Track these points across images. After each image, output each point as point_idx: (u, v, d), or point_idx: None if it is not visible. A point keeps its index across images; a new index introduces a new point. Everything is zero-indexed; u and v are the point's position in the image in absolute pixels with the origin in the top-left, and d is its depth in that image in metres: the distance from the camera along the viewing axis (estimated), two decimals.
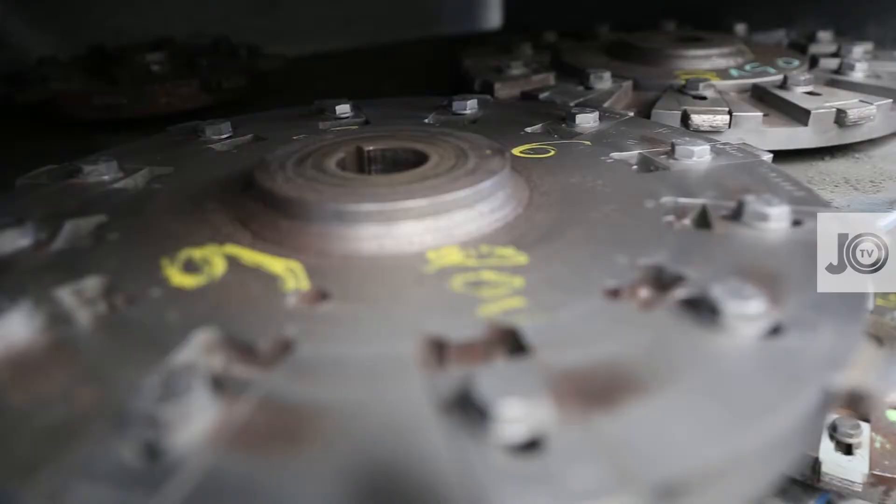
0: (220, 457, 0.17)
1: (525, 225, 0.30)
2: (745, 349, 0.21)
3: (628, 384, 0.19)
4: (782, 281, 0.25)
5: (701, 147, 0.38)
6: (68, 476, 0.17)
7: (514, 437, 0.17)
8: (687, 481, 0.16)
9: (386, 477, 0.17)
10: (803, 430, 0.19)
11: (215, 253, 0.29)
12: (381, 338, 0.22)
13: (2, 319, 0.23)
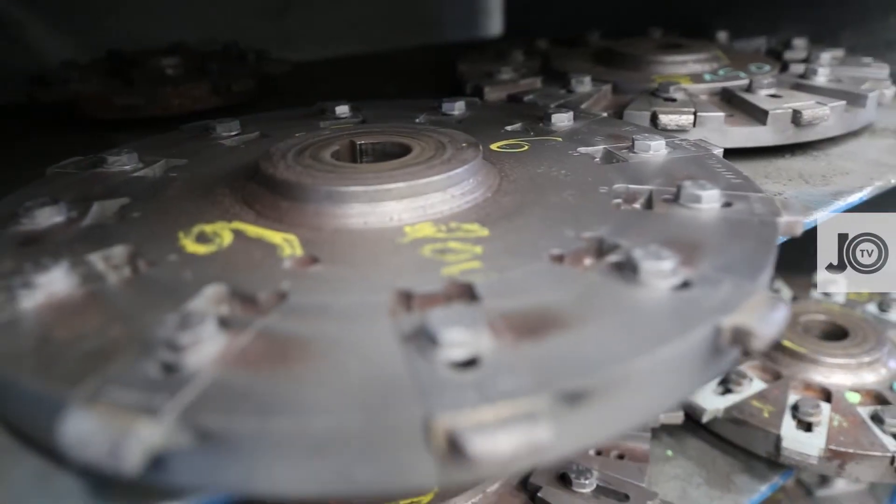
0: (223, 372, 0.22)
1: (491, 206, 0.35)
2: (656, 299, 0.26)
3: (555, 322, 0.24)
4: (700, 248, 0.29)
5: (657, 142, 0.43)
6: (104, 383, 0.22)
7: (456, 357, 0.22)
8: (588, 390, 0.21)
9: (357, 384, 0.21)
10: (695, 362, 0.24)
11: (224, 228, 0.34)
12: (360, 291, 0.27)
13: (46, 274, 0.28)
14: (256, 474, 0.21)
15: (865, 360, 0.65)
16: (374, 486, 0.21)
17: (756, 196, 0.36)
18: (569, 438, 0.21)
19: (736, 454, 0.63)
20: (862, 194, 0.49)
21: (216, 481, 0.21)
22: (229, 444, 0.20)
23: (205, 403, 0.21)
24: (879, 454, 0.56)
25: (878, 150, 0.58)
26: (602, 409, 0.22)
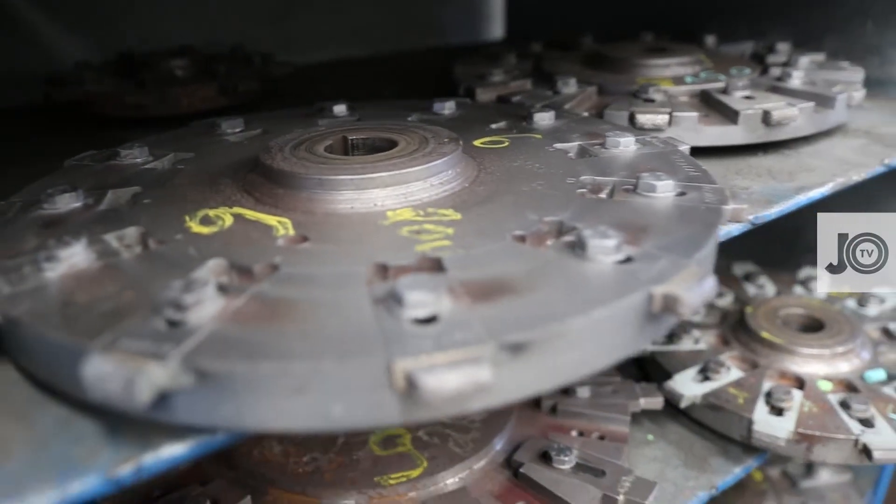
0: (220, 326, 0.26)
1: (467, 194, 0.39)
2: (600, 271, 0.29)
3: (508, 289, 0.28)
4: (648, 230, 0.33)
5: (626, 139, 0.46)
6: (119, 336, 0.25)
7: (418, 315, 0.25)
8: (528, 342, 0.24)
9: (333, 336, 0.25)
10: (629, 324, 0.27)
11: (226, 212, 0.38)
12: (342, 264, 0.31)
13: (67, 249, 0.32)
14: (246, 412, 0.24)
15: (839, 350, 0.68)
16: (348, 422, 0.24)
17: (709, 187, 0.39)
18: (513, 383, 0.25)
19: (713, 439, 0.66)
20: (823, 190, 0.52)
21: (213, 419, 0.25)
22: (223, 384, 0.24)
23: (203, 350, 0.24)
24: (844, 437, 0.59)
25: (847, 149, 0.61)
26: (542, 360, 0.25)
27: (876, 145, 0.62)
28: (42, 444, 0.27)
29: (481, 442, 0.57)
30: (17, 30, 0.91)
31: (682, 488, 0.61)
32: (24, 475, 0.25)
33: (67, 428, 0.28)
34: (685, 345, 0.72)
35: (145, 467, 0.26)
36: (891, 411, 0.62)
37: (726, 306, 0.79)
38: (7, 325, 0.28)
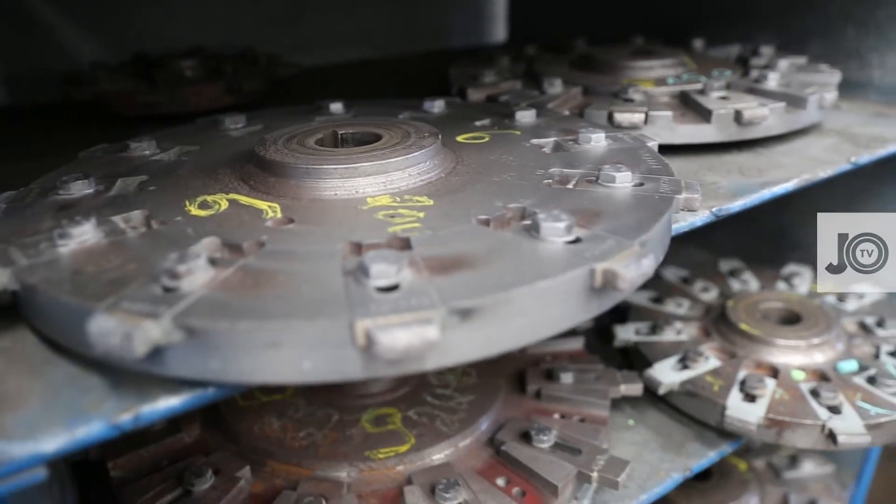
0: (208, 292, 0.29)
1: (442, 183, 0.42)
2: (550, 250, 0.32)
3: (464, 264, 0.31)
4: (601, 216, 0.36)
5: (597, 135, 0.49)
6: (121, 299, 0.29)
7: (381, 284, 0.29)
8: (475, 308, 0.28)
9: (306, 300, 0.28)
10: (573, 296, 0.31)
11: (222, 198, 0.41)
12: (321, 242, 0.34)
13: (79, 228, 0.35)
14: (229, 366, 0.28)
15: (815, 342, 0.71)
16: (317, 376, 0.28)
17: (667, 179, 0.42)
18: (464, 345, 0.28)
19: (691, 425, 0.69)
20: (787, 185, 0.55)
21: (201, 372, 0.28)
22: (208, 340, 0.27)
23: (192, 311, 0.28)
24: (811, 422, 0.62)
25: (818, 148, 0.64)
26: (489, 325, 0.29)
27: (847, 144, 0.65)
28: (54, 396, 0.31)
29: (467, 422, 0.61)
30: (37, 32, 0.96)
31: (658, 469, 0.64)
32: (38, 421, 0.29)
33: (76, 382, 0.31)
34: (667, 336, 0.75)
35: (143, 416, 0.30)
36: (859, 399, 0.64)
37: (710, 301, 0.82)
38: (25, 291, 0.32)
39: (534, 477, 0.55)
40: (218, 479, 0.53)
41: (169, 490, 0.52)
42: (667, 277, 0.88)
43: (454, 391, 0.65)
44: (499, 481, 0.55)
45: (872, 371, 0.68)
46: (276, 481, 0.55)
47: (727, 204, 0.51)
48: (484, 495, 0.52)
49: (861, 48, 0.80)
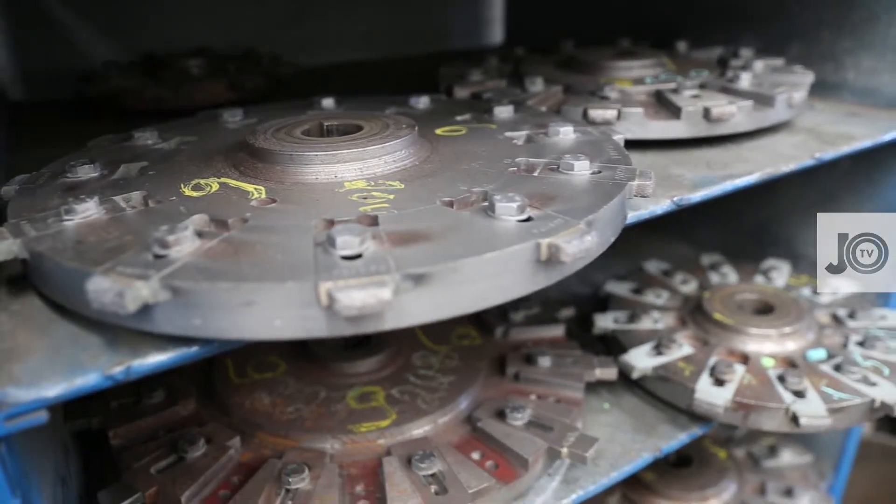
0: (193, 259, 0.33)
1: (415, 170, 0.46)
2: (503, 227, 0.36)
3: (423, 238, 0.35)
4: (555, 199, 0.40)
5: (566, 128, 0.53)
6: (116, 264, 0.33)
7: (346, 253, 0.33)
8: (427, 274, 0.31)
9: (278, 266, 0.32)
10: (520, 268, 0.34)
11: (214, 181, 0.45)
12: (298, 219, 0.38)
13: (83, 205, 0.39)
14: (209, 323, 0.32)
15: (786, 331, 0.74)
16: (287, 333, 0.31)
17: (623, 168, 0.46)
18: (419, 308, 0.32)
19: (664, 409, 0.72)
20: (749, 178, 0.58)
21: (184, 329, 0.32)
22: (191, 299, 0.31)
23: (178, 274, 0.32)
24: (776, 406, 0.65)
25: (786, 144, 0.67)
26: (441, 290, 0.32)
27: (814, 142, 0.68)
28: (56, 351, 0.34)
29: (446, 400, 0.64)
30: (53, 32, 1.01)
31: (629, 450, 0.67)
32: (41, 371, 0.33)
33: (76, 340, 0.35)
34: (644, 324, 0.78)
35: (133, 369, 0.34)
36: (824, 385, 0.67)
37: (689, 292, 0.85)
38: (33, 259, 0.36)
39: (506, 451, 0.58)
40: (209, 447, 0.57)
41: (164, 456, 0.56)
42: (648, 270, 0.92)
43: (436, 372, 0.68)
44: (474, 455, 0.59)
45: (840, 359, 0.71)
46: (264, 451, 0.58)
47: (689, 194, 0.54)
48: (458, 466, 0.56)
49: (836, 51, 0.83)
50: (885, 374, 0.69)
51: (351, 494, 0.54)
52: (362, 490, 0.54)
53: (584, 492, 0.62)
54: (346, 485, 0.55)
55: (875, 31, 0.79)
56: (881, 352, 0.72)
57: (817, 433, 0.98)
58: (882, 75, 0.79)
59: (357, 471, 0.57)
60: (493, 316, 0.79)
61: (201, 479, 0.54)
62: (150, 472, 0.54)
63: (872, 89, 0.80)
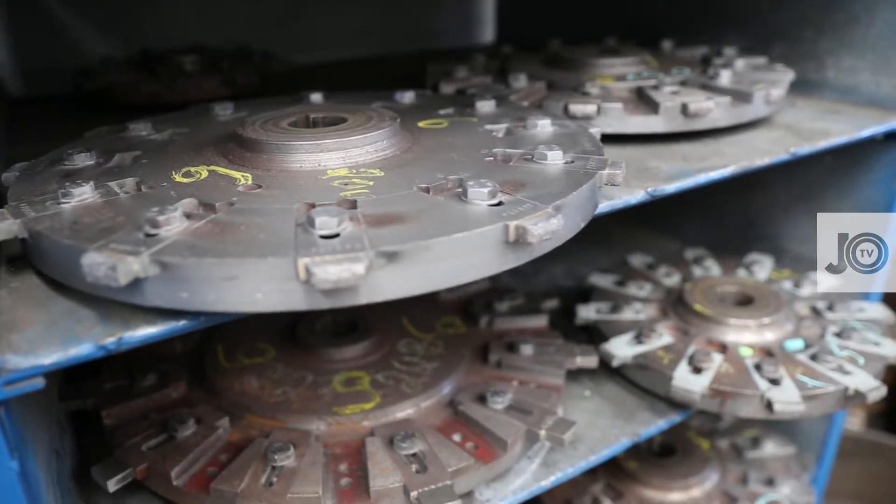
0: (181, 238, 0.35)
1: (396, 159, 0.48)
2: (474, 210, 0.38)
3: (398, 220, 0.37)
4: (527, 185, 0.42)
5: (543, 121, 0.55)
6: (109, 241, 0.35)
7: (324, 232, 0.35)
8: (399, 252, 0.34)
9: (261, 244, 0.34)
10: (489, 247, 0.36)
11: (203, 169, 0.47)
12: (282, 202, 0.40)
13: (79, 188, 0.42)
14: (195, 296, 0.34)
15: (764, 321, 0.76)
16: (268, 306, 0.34)
17: (595, 158, 0.48)
18: (392, 283, 0.34)
19: (644, 396, 0.74)
20: (723, 171, 0.60)
21: (173, 302, 0.34)
22: (178, 273, 0.33)
23: (166, 251, 0.34)
24: (751, 392, 0.67)
25: (764, 139, 0.69)
26: (413, 267, 0.34)
27: (791, 137, 0.70)
28: (53, 323, 0.37)
29: (429, 385, 0.66)
30: (53, 30, 1.03)
31: (608, 434, 0.69)
32: (39, 341, 0.35)
33: (72, 314, 0.37)
34: (626, 315, 0.80)
35: (125, 340, 0.36)
36: (799, 373, 0.69)
37: (672, 285, 0.87)
38: (32, 238, 0.38)
39: (486, 433, 0.60)
40: (199, 427, 0.59)
41: (155, 435, 0.58)
42: (633, 263, 0.94)
43: (421, 359, 0.70)
44: (455, 437, 0.61)
45: (816, 349, 0.73)
46: (252, 432, 0.61)
47: (663, 185, 0.56)
48: (438, 447, 0.58)
49: (818, 50, 0.85)
50: (859, 363, 0.71)
51: (335, 472, 0.56)
52: (346, 468, 0.57)
53: (562, 474, 0.64)
54: (331, 463, 0.57)
55: (854, 31, 0.81)
56: (857, 342, 0.75)
57: (801, 425, 1.01)
58: (861, 74, 0.81)
59: (341, 450, 0.59)
60: (478, 306, 0.81)
61: (190, 457, 0.56)
62: (142, 450, 0.56)
63: (852, 87, 0.82)
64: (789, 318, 0.78)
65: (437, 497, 0.52)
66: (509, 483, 0.62)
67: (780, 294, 0.81)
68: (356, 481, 0.55)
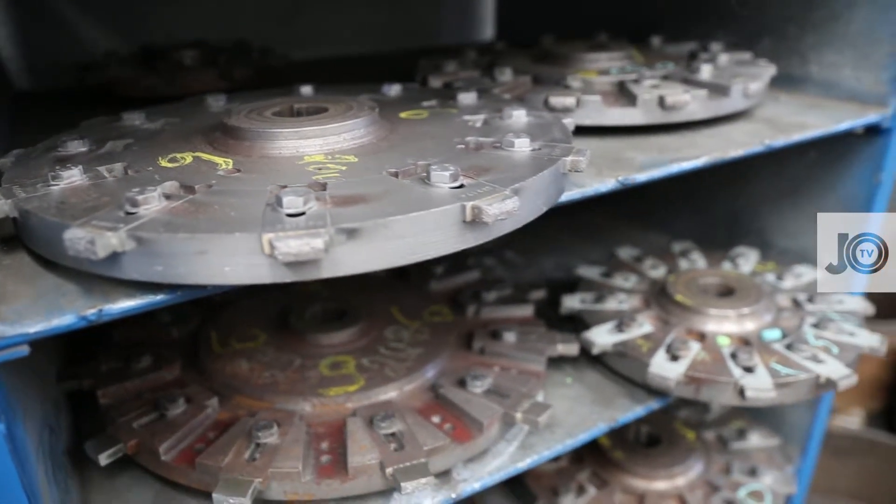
0: (159, 216, 0.38)
1: (371, 146, 0.50)
2: (436, 192, 0.40)
3: (362, 200, 0.39)
4: (491, 170, 0.44)
5: (519, 112, 0.57)
6: (92, 219, 0.37)
7: (290, 211, 0.37)
8: (358, 229, 0.36)
9: (231, 221, 0.37)
10: (447, 227, 0.38)
11: (188, 155, 0.50)
12: (257, 185, 0.42)
13: (68, 172, 0.44)
14: (169, 270, 0.36)
15: (744, 311, 0.77)
16: (235, 278, 0.36)
17: (561, 146, 0.50)
18: (352, 258, 0.36)
19: (624, 384, 0.76)
20: (696, 162, 0.62)
21: (149, 275, 0.37)
22: (153, 248, 0.36)
23: (143, 227, 0.36)
24: (725, 380, 0.68)
25: (741, 132, 0.71)
26: (372, 244, 0.36)
27: (769, 130, 0.71)
28: (40, 296, 0.39)
29: (412, 370, 0.68)
30: (58, 25, 1.07)
31: (587, 420, 0.71)
32: (25, 312, 0.38)
33: (58, 288, 0.40)
34: (610, 305, 0.82)
35: (105, 312, 0.38)
36: (774, 362, 0.71)
37: (657, 277, 0.89)
38: (21, 217, 0.41)
39: (464, 415, 0.62)
40: (189, 406, 0.62)
41: (146, 413, 0.61)
42: (620, 256, 0.95)
43: (407, 345, 0.73)
44: (434, 419, 0.63)
45: (792, 339, 0.74)
46: (239, 412, 0.63)
47: (634, 175, 0.58)
48: (416, 427, 0.60)
49: (801, 46, 0.86)
50: (833, 352, 0.73)
51: (316, 450, 0.58)
52: (327, 446, 0.59)
53: (538, 456, 0.66)
54: (313, 441, 0.59)
55: (836, 28, 0.82)
56: (833, 332, 0.76)
57: (787, 418, 1.02)
58: (842, 69, 0.82)
59: (324, 430, 0.61)
60: (466, 296, 0.83)
61: (179, 434, 0.58)
62: (133, 427, 0.59)
63: (834, 83, 0.84)
64: (769, 309, 0.79)
65: (411, 473, 0.55)
66: (486, 464, 0.64)
67: (761, 286, 0.83)
68: (336, 458, 0.58)
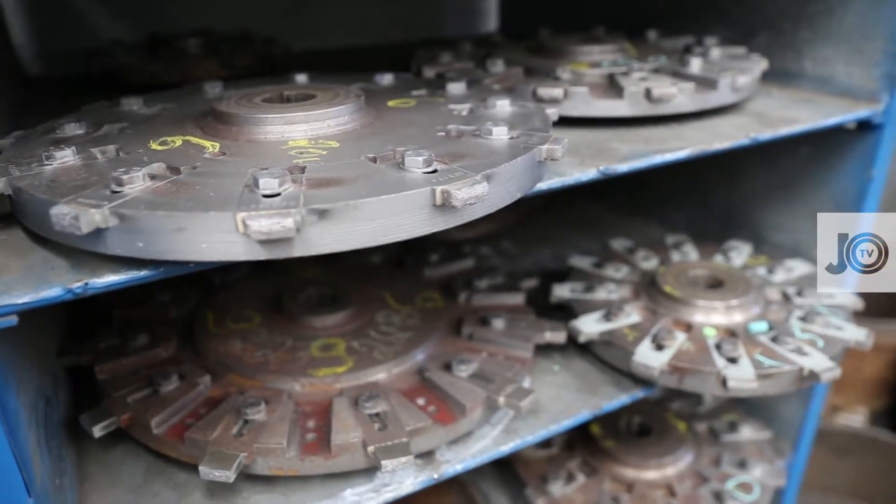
0: (142, 194, 0.40)
1: (354, 133, 0.52)
2: (409, 177, 0.42)
3: (337, 183, 0.40)
4: (465, 157, 0.45)
5: (503, 101, 0.58)
6: (78, 196, 0.39)
7: (266, 191, 0.39)
8: (329, 210, 0.37)
9: (209, 200, 0.38)
10: (418, 210, 0.40)
11: (179, 138, 0.52)
12: (239, 167, 0.44)
13: (62, 152, 0.46)
14: (150, 245, 0.38)
15: (732, 303, 0.78)
16: (212, 255, 0.38)
17: (539, 135, 0.51)
18: (324, 239, 0.38)
19: (610, 373, 0.77)
20: (679, 154, 0.63)
21: (131, 250, 0.39)
22: (134, 224, 0.37)
23: (126, 205, 0.38)
24: (709, 370, 0.69)
25: (728, 125, 0.71)
26: (343, 224, 0.38)
27: (757, 124, 0.72)
28: (30, 270, 0.41)
29: (400, 353, 0.70)
30: (69, 13, 1.09)
31: (571, 406, 0.72)
32: (15, 284, 0.40)
33: (48, 262, 0.42)
34: (599, 295, 0.83)
35: (90, 286, 0.40)
36: (758, 353, 0.72)
37: (648, 268, 0.90)
38: (14, 194, 0.43)
39: (448, 399, 0.64)
40: (182, 383, 0.64)
41: (140, 388, 0.63)
42: (613, 247, 0.96)
43: (397, 329, 0.74)
44: (419, 401, 0.64)
45: (778, 331, 0.75)
46: (231, 389, 0.65)
47: (616, 165, 0.59)
48: (400, 408, 0.62)
49: (796, 41, 0.86)
50: (818, 345, 0.73)
51: (302, 428, 0.60)
52: (313, 425, 0.61)
53: (522, 441, 0.67)
54: (300, 419, 0.61)
55: (830, 22, 0.82)
56: (819, 326, 0.77)
57: (779, 411, 1.03)
58: (836, 64, 0.83)
59: (311, 409, 0.63)
60: (458, 283, 0.85)
61: (171, 409, 0.60)
62: (127, 401, 0.61)
63: (827, 78, 0.84)
64: (757, 302, 0.80)
65: (392, 452, 0.56)
66: (470, 447, 0.66)
67: (750, 279, 0.83)
68: (321, 436, 0.60)
